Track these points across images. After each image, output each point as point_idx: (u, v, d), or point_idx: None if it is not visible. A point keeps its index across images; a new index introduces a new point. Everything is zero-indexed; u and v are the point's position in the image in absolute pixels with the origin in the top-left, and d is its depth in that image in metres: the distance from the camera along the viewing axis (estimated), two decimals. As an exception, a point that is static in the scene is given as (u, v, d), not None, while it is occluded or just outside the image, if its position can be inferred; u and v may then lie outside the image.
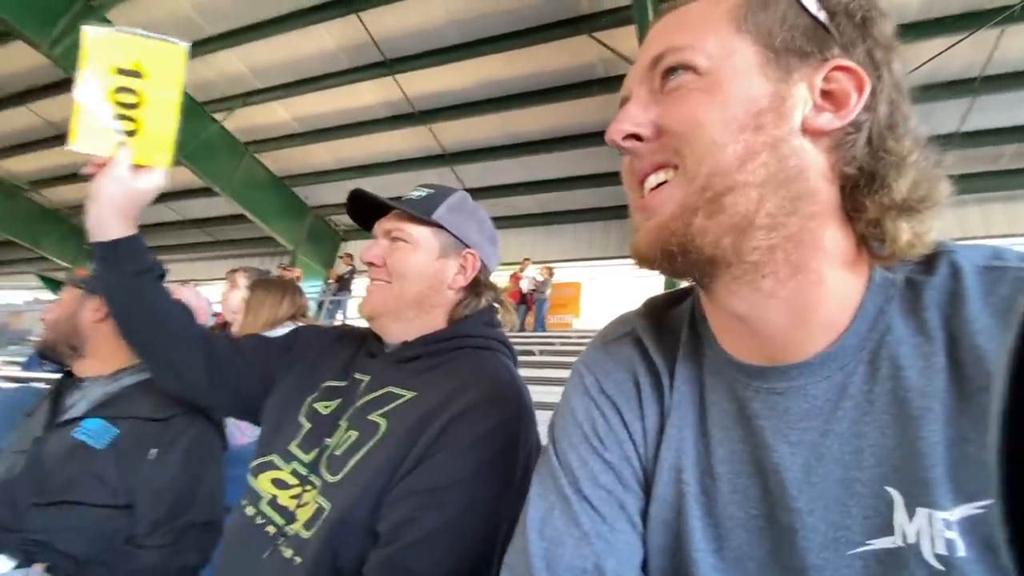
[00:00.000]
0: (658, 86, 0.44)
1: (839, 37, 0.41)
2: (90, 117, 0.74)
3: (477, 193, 9.48)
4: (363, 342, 0.91)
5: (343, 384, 0.84)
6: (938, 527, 0.35)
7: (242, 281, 2.29)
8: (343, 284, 9.50)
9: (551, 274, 8.86)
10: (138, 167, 0.78)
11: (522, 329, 8.36)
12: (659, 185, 0.43)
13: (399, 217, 0.86)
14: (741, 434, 0.45)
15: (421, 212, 0.84)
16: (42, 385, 1.40)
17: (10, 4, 5.59)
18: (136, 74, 0.76)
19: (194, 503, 1.08)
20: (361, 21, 6.23)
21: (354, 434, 0.75)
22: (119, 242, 0.82)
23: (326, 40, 6.60)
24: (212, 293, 3.71)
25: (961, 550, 0.35)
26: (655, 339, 0.52)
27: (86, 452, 1.06)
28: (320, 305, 9.75)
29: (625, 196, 0.48)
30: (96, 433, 1.10)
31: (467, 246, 0.87)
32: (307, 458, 0.78)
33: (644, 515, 0.48)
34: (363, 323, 0.92)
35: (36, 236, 11.30)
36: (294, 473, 0.78)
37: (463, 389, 0.73)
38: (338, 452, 0.75)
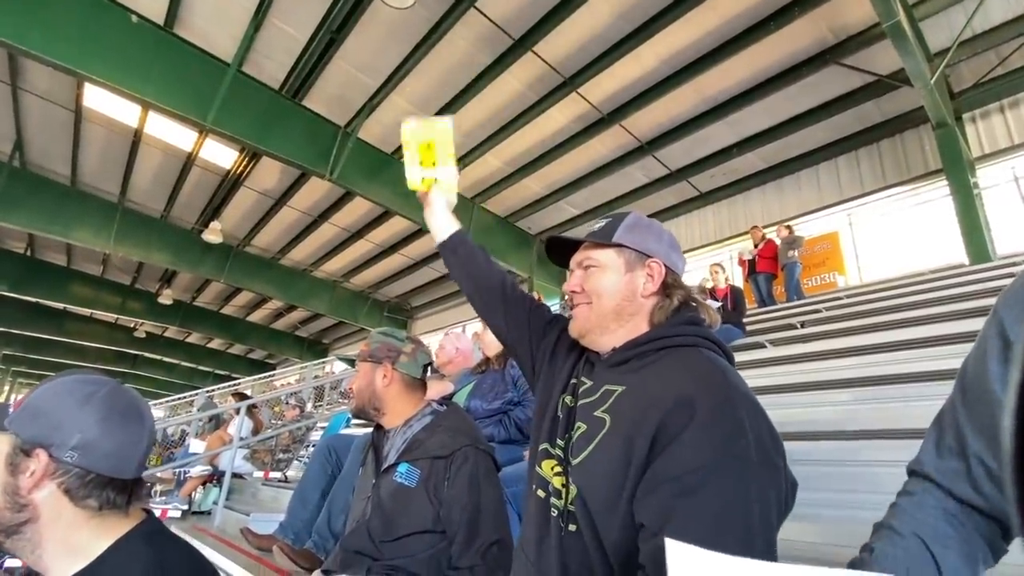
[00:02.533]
0: None
1: None
2: (411, 172, 1.27)
3: (687, 171, 9.08)
4: (584, 349, 1.04)
5: (575, 382, 0.99)
6: None
7: None
8: (579, 296, 9.96)
9: (791, 232, 7.76)
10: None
11: (765, 303, 7.51)
12: None
13: (587, 248, 1.01)
14: None
15: (603, 238, 0.98)
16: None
17: (301, 153, 7.61)
18: (430, 142, 1.27)
19: (483, 523, 1.26)
20: (536, 55, 6.67)
21: (583, 426, 0.89)
22: (449, 238, 1.24)
23: (512, 84, 7.23)
24: (477, 328, 4.35)
25: None
26: None
27: (406, 491, 1.32)
28: (565, 320, 10.41)
29: (871, 117, 0.43)
30: (407, 475, 1.33)
31: (649, 256, 0.97)
32: (562, 443, 0.93)
33: None
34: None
35: (354, 313, 14.81)
36: (557, 458, 0.93)
37: (674, 384, 0.80)
38: (576, 441, 0.88)
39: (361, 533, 1.34)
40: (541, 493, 0.94)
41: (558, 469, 0.92)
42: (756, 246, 7.85)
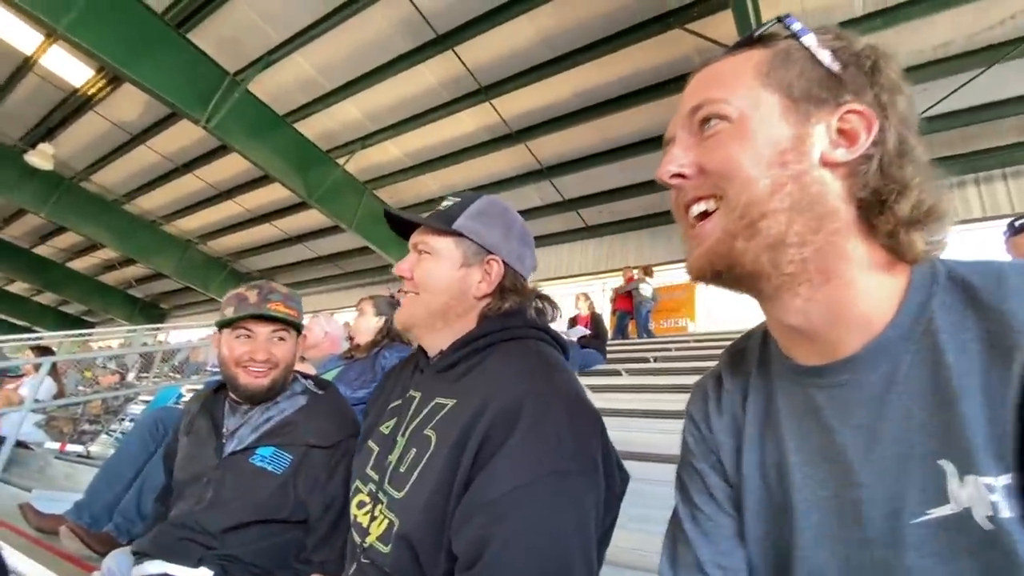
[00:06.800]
0: (697, 131, 0.52)
1: (850, 84, 0.48)
2: None
3: (578, 202, 9.56)
4: (416, 360, 0.95)
5: (399, 403, 0.90)
6: (983, 492, 0.39)
7: (369, 308, 2.54)
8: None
9: (647, 273, 8.54)
10: None
11: (625, 337, 8.17)
12: (702, 214, 0.52)
13: (424, 230, 0.89)
14: (810, 426, 0.51)
15: (443, 223, 0.87)
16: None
17: (176, 91, 6.70)
18: None
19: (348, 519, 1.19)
20: (457, 55, 6.62)
21: (413, 450, 0.79)
22: None
23: (428, 78, 7.09)
24: (347, 318, 4.13)
25: (1005, 511, 0.38)
26: (729, 370, 0.63)
27: (265, 477, 1.16)
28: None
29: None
30: (272, 460, 1.19)
31: (490, 252, 0.87)
32: (376, 476, 0.84)
33: (740, 511, 0.57)
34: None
35: (206, 281, 13.26)
36: (369, 493, 0.84)
37: (497, 390, 0.73)
38: (402, 469, 0.79)
39: (198, 520, 1.15)
40: (353, 533, 0.85)
41: (369, 506, 0.83)
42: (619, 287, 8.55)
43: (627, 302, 8.39)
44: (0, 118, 8.96)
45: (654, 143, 7.76)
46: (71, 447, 3.96)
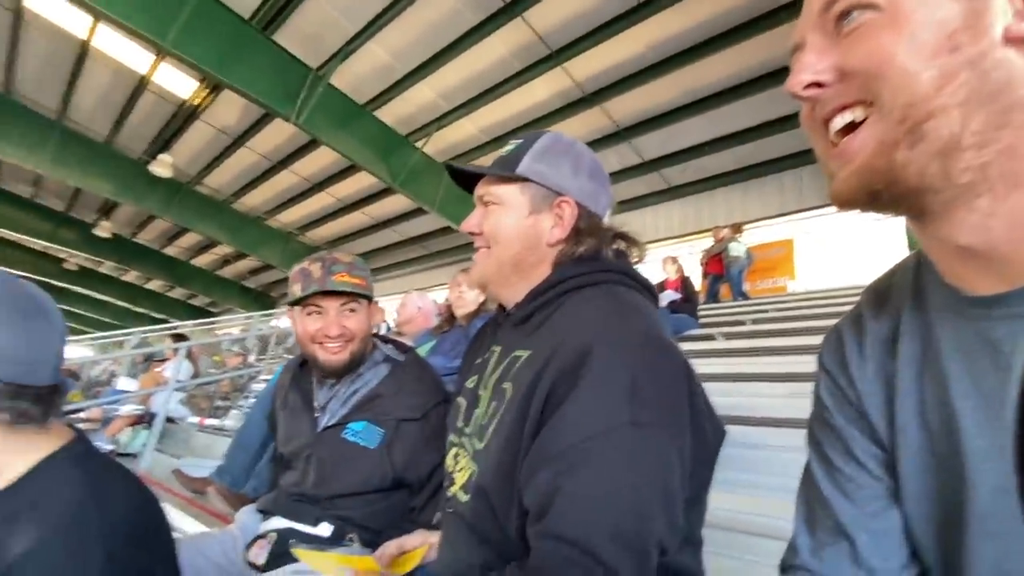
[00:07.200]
0: (833, 29, 0.43)
1: None
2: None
3: (660, 162, 9.13)
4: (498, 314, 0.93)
5: (483, 358, 0.88)
6: None
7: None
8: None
9: (736, 231, 7.96)
10: None
11: (716, 300, 7.76)
12: (848, 127, 0.43)
13: (488, 180, 0.84)
14: (984, 365, 0.43)
15: (505, 169, 0.81)
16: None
17: (267, 91, 7.17)
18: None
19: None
20: (525, 21, 6.49)
21: (493, 403, 0.77)
22: None
23: (498, 49, 7.02)
24: (436, 296, 4.29)
25: None
26: (873, 310, 0.54)
27: (360, 452, 1.19)
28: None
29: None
30: (366, 435, 1.20)
31: (560, 194, 0.81)
32: (464, 427, 0.84)
33: (893, 471, 0.50)
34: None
35: (307, 269, 14.29)
36: (460, 445, 0.84)
37: (566, 339, 0.69)
38: (483, 421, 0.78)
39: (305, 491, 1.23)
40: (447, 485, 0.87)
41: (456, 455, 0.85)
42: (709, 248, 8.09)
43: (718, 264, 7.95)
44: (126, 135, 10.14)
45: (742, 90, 7.20)
46: (209, 421, 4.50)
